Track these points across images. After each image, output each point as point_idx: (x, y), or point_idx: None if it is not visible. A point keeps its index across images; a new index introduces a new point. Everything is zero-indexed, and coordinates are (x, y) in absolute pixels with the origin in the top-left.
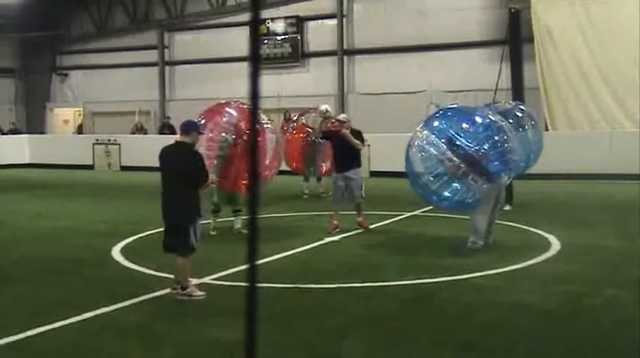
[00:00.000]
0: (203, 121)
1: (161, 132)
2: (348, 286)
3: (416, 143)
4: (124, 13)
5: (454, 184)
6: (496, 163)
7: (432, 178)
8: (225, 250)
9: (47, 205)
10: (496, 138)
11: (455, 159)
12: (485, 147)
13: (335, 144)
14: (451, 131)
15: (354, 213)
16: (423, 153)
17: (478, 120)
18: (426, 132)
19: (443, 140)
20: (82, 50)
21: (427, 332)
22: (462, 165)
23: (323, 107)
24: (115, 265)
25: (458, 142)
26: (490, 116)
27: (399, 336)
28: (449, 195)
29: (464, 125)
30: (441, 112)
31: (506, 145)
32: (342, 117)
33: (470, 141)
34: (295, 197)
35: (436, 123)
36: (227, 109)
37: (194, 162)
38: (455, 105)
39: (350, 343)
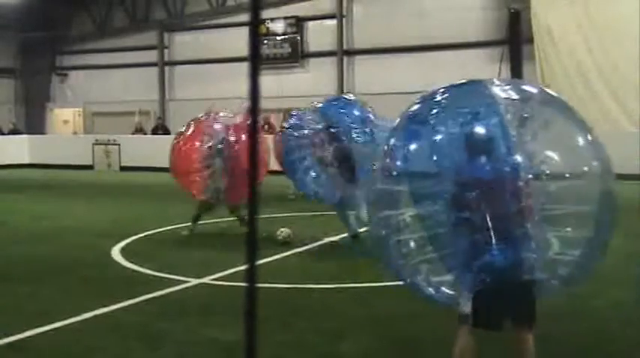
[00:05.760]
0: (190, 132)
1: (154, 133)
2: (347, 286)
3: (291, 121)
4: (123, 13)
5: (312, 172)
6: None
7: (297, 161)
8: (224, 250)
9: (47, 205)
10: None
11: (326, 145)
12: (365, 151)
13: None
14: (336, 119)
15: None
16: (296, 134)
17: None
18: (311, 114)
19: (321, 125)
20: (82, 50)
21: (426, 332)
22: (330, 156)
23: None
24: (114, 265)
25: (334, 130)
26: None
27: (399, 336)
28: (308, 183)
29: (352, 122)
30: (340, 102)
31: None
32: None
33: (350, 137)
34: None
35: (325, 110)
36: (208, 125)
37: None
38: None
39: (349, 343)
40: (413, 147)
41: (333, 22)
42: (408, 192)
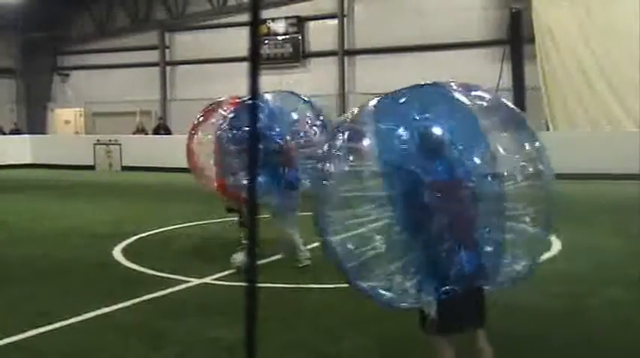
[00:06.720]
0: (201, 119)
1: (156, 133)
2: (347, 286)
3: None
4: (124, 13)
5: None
6: (293, 171)
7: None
8: (225, 250)
9: (48, 205)
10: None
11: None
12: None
13: None
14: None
15: None
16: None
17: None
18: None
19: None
20: (83, 50)
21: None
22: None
23: None
24: (115, 265)
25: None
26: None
27: (399, 335)
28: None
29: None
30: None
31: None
32: None
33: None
34: None
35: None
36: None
37: None
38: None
39: (349, 343)
40: (364, 148)
41: (334, 21)
42: (360, 195)
